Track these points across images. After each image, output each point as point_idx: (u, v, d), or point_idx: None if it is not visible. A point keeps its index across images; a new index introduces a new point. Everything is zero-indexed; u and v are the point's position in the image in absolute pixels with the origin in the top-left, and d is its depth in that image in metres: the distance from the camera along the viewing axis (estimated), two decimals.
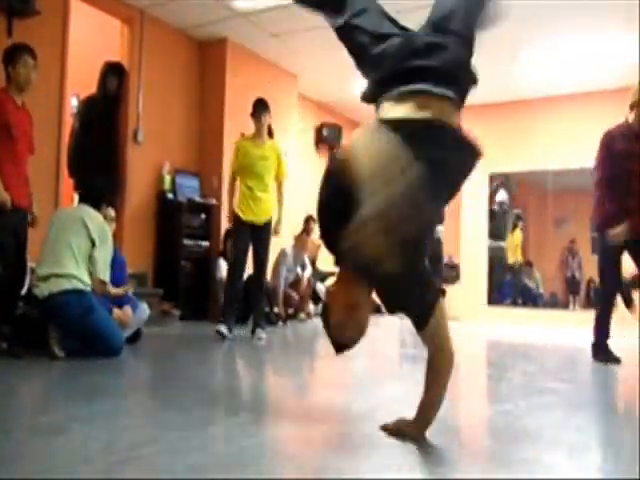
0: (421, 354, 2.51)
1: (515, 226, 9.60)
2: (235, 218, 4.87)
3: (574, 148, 8.01)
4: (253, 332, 4.79)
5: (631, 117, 4.25)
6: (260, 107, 4.94)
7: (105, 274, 3.67)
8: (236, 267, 4.86)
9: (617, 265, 4.26)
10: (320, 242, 6.34)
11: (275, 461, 1.71)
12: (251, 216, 4.81)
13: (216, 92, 6.73)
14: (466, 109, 1.92)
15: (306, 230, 7.06)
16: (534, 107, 8.41)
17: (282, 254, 6.66)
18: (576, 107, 8.20)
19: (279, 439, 1.99)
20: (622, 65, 7.06)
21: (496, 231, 9.06)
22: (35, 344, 3.50)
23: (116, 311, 3.90)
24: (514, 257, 9.59)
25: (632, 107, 4.24)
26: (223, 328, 4.62)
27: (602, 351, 4.23)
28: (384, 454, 1.83)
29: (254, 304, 4.98)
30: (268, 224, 4.90)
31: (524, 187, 9.62)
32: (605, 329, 4.25)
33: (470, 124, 1.89)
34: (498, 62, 7.12)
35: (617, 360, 4.15)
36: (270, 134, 5.06)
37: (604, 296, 4.33)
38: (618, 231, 4.12)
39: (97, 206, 3.87)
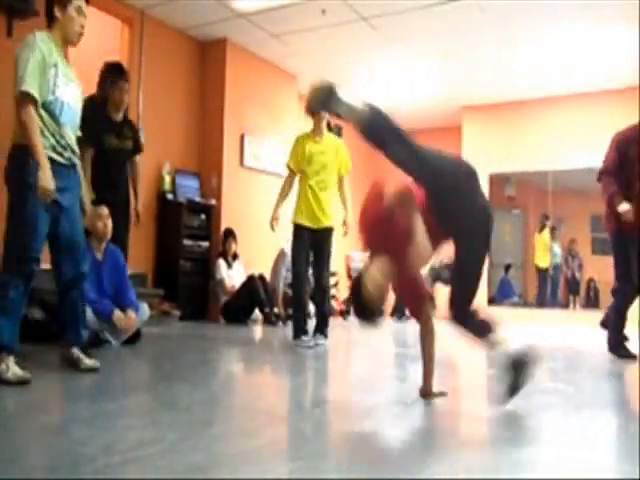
0: (419, 354, 2.51)
1: (543, 226, 9.15)
2: (295, 225, 4.55)
3: (574, 148, 8.02)
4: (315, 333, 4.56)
5: None
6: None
7: (24, 83, 2.45)
8: (300, 278, 4.50)
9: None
10: None
11: (275, 461, 1.71)
12: (309, 221, 4.47)
13: (216, 92, 6.74)
14: (467, 109, 1.93)
15: None
16: (534, 107, 8.41)
17: (281, 254, 6.63)
18: (576, 107, 8.20)
19: (279, 439, 1.99)
20: (622, 65, 7.07)
21: None
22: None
23: (117, 313, 3.86)
24: (543, 261, 9.14)
25: None
26: (308, 339, 4.43)
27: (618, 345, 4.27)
28: (383, 454, 1.83)
29: (320, 311, 4.65)
30: (330, 230, 4.56)
31: (524, 187, 9.61)
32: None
33: (471, 124, 1.89)
34: (498, 62, 7.13)
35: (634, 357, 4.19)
36: (329, 128, 4.77)
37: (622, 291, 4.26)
38: (628, 208, 4.06)
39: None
